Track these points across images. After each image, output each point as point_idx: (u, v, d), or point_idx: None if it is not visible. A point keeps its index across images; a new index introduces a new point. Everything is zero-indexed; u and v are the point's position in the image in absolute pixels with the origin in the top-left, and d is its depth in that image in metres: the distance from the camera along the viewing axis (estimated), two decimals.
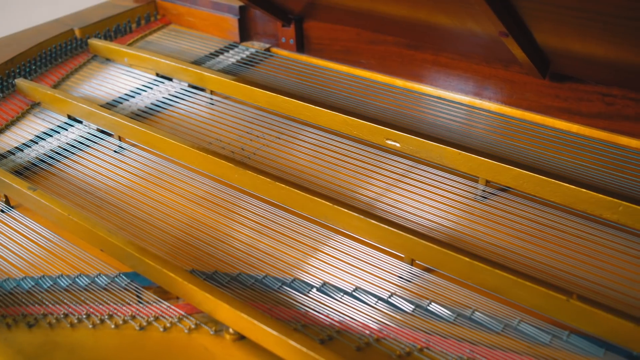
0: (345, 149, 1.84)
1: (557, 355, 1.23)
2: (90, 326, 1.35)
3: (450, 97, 2.05)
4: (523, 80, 1.92)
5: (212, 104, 2.13)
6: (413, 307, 1.34)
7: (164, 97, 2.17)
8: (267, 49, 2.41)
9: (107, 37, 2.56)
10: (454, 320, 1.31)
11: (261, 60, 2.34)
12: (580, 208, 1.50)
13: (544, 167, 1.64)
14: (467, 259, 1.32)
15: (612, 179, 1.61)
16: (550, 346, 1.25)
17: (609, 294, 1.35)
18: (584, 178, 1.62)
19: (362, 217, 1.45)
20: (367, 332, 1.29)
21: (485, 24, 1.65)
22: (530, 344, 1.25)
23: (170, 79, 2.26)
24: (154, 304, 1.40)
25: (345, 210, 1.48)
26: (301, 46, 2.37)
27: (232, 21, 2.45)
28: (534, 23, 1.57)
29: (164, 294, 1.42)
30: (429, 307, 1.34)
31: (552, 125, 1.88)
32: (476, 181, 1.65)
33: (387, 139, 1.74)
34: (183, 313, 1.38)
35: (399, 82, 2.13)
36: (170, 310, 1.38)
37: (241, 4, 2.41)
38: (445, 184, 1.69)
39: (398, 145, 1.72)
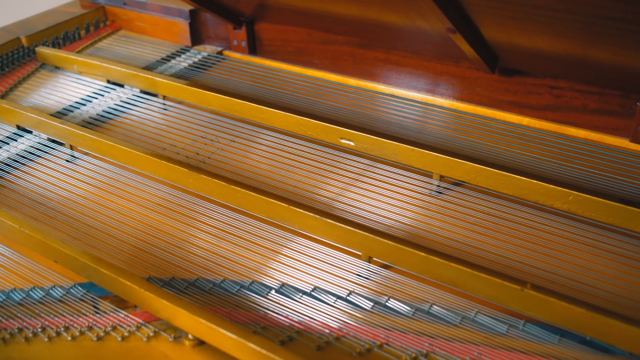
0: (302, 150, 1.85)
1: (514, 344, 1.25)
2: (46, 339, 1.32)
3: (403, 95, 2.07)
4: (473, 75, 1.94)
5: (165, 110, 2.11)
6: (372, 304, 1.35)
7: (115, 104, 2.14)
8: (220, 52, 2.40)
9: (55, 44, 2.52)
10: (413, 315, 1.32)
11: (213, 63, 2.33)
12: (532, 199, 1.53)
13: (497, 161, 1.67)
14: (423, 254, 1.34)
15: (562, 169, 1.65)
16: (507, 335, 1.27)
17: (562, 281, 1.38)
18: (535, 169, 1.65)
19: (318, 216, 1.46)
20: (327, 331, 1.29)
21: (433, 21, 1.67)
22: (488, 335, 1.27)
23: (121, 86, 2.23)
24: (112, 314, 1.38)
25: (301, 210, 1.48)
26: (253, 48, 2.36)
27: (183, 25, 2.44)
28: (480, 19, 1.60)
29: (121, 303, 1.40)
30: (387, 304, 1.35)
31: (504, 119, 1.91)
32: (430, 176, 1.67)
33: (342, 138, 1.75)
34: (141, 321, 1.36)
35: (352, 81, 2.14)
36: (128, 319, 1.37)
37: (192, 7, 2.40)
38: (401, 180, 1.71)
39: (352, 144, 1.73)
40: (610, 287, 1.36)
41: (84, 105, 2.15)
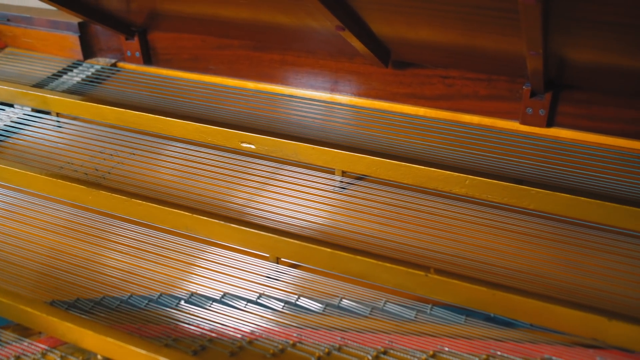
0: (208, 158, 1.83)
1: (423, 328, 1.28)
2: None
3: (303, 95, 2.08)
4: (368, 71, 1.98)
5: (60, 127, 2.04)
6: (282, 304, 1.35)
7: (5, 125, 2.05)
8: (114, 64, 2.35)
9: None
10: (323, 311, 1.33)
11: (108, 76, 2.27)
12: (432, 186, 1.58)
13: (397, 152, 1.70)
14: (329, 250, 1.35)
15: (459, 155, 1.71)
16: (416, 321, 1.30)
17: (465, 263, 1.42)
18: (434, 157, 1.70)
19: (222, 222, 1.45)
20: (240, 336, 1.29)
21: (322, 20, 1.69)
22: (398, 322, 1.30)
23: (11, 105, 2.14)
24: (14, 343, 1.33)
25: (205, 218, 1.47)
26: (148, 58, 2.32)
27: (73, 39, 2.36)
28: (367, 15, 1.63)
29: (25, 330, 1.35)
30: (298, 302, 1.36)
31: (401, 111, 1.95)
32: (333, 173, 1.69)
33: (242, 142, 1.74)
34: (46, 347, 1.31)
35: (250, 85, 2.14)
36: (32, 346, 1.32)
37: (80, 20, 2.33)
38: (306, 180, 1.72)
39: (253, 147, 1.73)
40: (509, 263, 1.42)
41: None
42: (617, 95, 1.71)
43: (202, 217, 1.47)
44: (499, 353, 1.23)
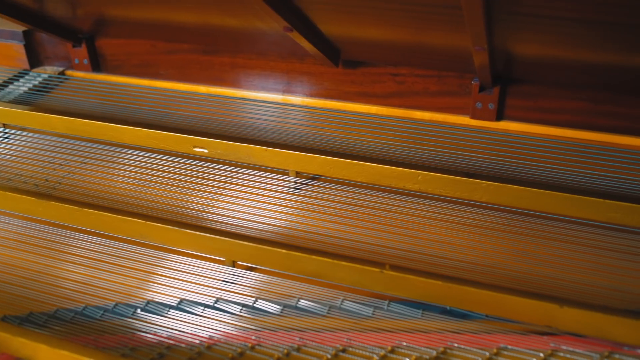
0: (163, 164, 1.81)
1: (381, 324, 1.29)
2: None
3: (255, 97, 2.08)
4: (319, 71, 1.99)
5: (7, 138, 1.99)
6: (240, 307, 1.35)
7: None
8: (62, 73, 2.30)
9: None
10: (281, 312, 1.33)
11: (56, 85, 2.23)
12: (385, 183, 1.59)
13: (351, 151, 1.71)
14: (284, 251, 1.35)
15: (411, 152, 1.72)
16: (373, 318, 1.31)
17: (420, 258, 1.44)
18: (387, 155, 1.71)
19: (176, 228, 1.44)
20: (198, 341, 1.28)
21: (269, 22, 1.69)
22: (355, 320, 1.31)
23: None
24: None
25: (159, 224, 1.45)
26: (97, 65, 2.28)
27: (18, 47, 2.31)
28: (315, 15, 1.64)
29: None
30: (255, 305, 1.35)
31: (353, 110, 1.96)
32: (287, 174, 1.69)
33: (195, 147, 1.73)
34: None
35: (202, 89, 2.13)
36: None
37: (25, 28, 2.28)
38: (262, 182, 1.72)
39: (206, 151, 1.72)
40: (464, 256, 1.44)
41: None
42: (562, 87, 1.74)
43: (155, 224, 1.46)
44: (456, 345, 1.25)
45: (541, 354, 1.23)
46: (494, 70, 1.71)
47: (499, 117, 1.83)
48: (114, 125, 1.81)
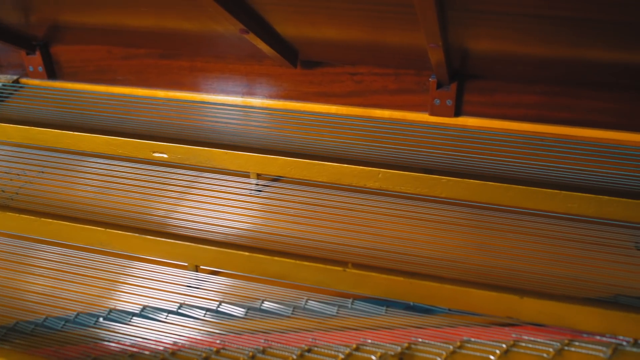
0: (124, 171, 1.79)
1: (345, 323, 1.30)
2: None
3: (215, 100, 2.07)
4: (278, 72, 1.99)
5: None
6: (204, 312, 1.34)
7: None
8: (16, 81, 2.26)
9: None
10: (246, 315, 1.33)
11: (10, 94, 2.19)
12: (346, 182, 1.60)
13: (312, 151, 1.71)
14: (246, 254, 1.35)
15: (372, 150, 1.73)
16: (338, 316, 1.32)
17: (382, 255, 1.45)
18: (348, 154, 1.72)
19: (137, 235, 1.42)
20: (162, 348, 1.27)
21: (225, 25, 1.69)
22: (320, 319, 1.31)
23: None
24: None
25: (119, 232, 1.44)
26: (52, 73, 2.25)
27: None
28: (270, 17, 1.64)
29: None
30: (219, 309, 1.35)
31: (313, 110, 1.97)
32: (248, 176, 1.69)
33: (154, 152, 1.72)
34: None
35: (160, 93, 2.11)
36: None
37: None
38: (222, 185, 1.71)
39: (166, 156, 1.71)
40: (426, 252, 1.45)
41: None
42: (517, 82, 1.77)
43: (115, 231, 1.44)
44: (420, 340, 1.26)
45: (503, 345, 1.25)
46: (451, 67, 1.73)
47: (457, 113, 1.85)
48: (71, 132, 1.78)
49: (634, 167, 1.57)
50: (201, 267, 1.44)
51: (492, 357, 1.23)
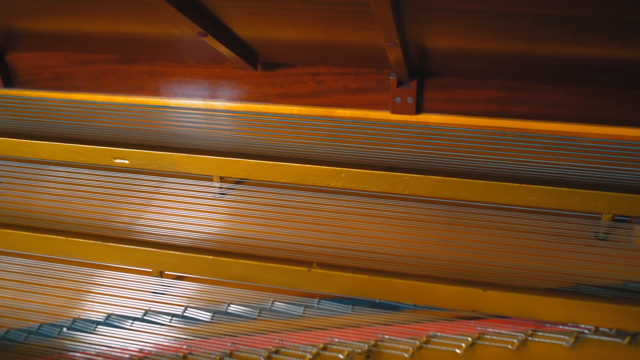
0: (87, 179, 1.77)
1: (312, 323, 1.30)
2: None
3: (177, 104, 2.05)
4: (239, 74, 1.98)
5: None
6: (170, 317, 1.33)
7: None
8: None
9: None
10: (212, 319, 1.32)
11: None
12: (310, 182, 1.60)
13: (275, 153, 1.71)
14: (210, 257, 1.35)
15: (335, 149, 1.74)
16: (304, 317, 1.32)
17: (347, 254, 1.45)
18: (312, 154, 1.72)
19: (99, 242, 1.41)
20: (127, 355, 1.25)
21: (183, 28, 1.67)
22: (287, 320, 1.31)
23: None
24: None
25: (80, 240, 1.42)
26: (8, 81, 2.20)
27: None
28: (229, 19, 1.63)
29: None
30: (185, 314, 1.34)
31: (275, 111, 1.96)
32: (211, 180, 1.68)
33: (115, 158, 1.70)
34: None
35: (120, 99, 2.08)
36: None
37: None
38: (186, 190, 1.70)
39: (127, 162, 1.69)
40: (390, 249, 1.46)
41: None
42: (476, 78, 1.79)
43: (77, 239, 1.43)
44: (387, 337, 1.27)
45: (469, 338, 1.26)
46: (410, 65, 1.74)
47: (418, 110, 1.86)
48: (30, 141, 1.76)
49: (592, 159, 1.61)
50: (166, 272, 1.43)
51: (458, 350, 1.24)
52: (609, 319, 1.26)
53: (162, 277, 1.43)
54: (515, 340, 1.25)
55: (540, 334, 1.27)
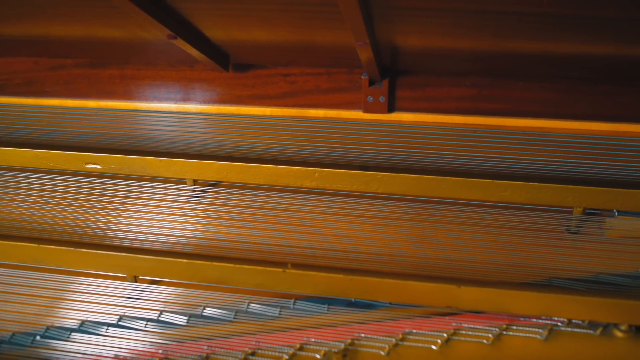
0: (60, 185, 1.75)
1: (288, 323, 1.30)
2: None
3: (149, 108, 2.03)
4: (210, 76, 1.97)
5: None
6: (145, 322, 1.32)
7: None
8: None
9: None
10: (187, 322, 1.32)
11: None
12: (283, 183, 1.60)
13: (248, 154, 1.71)
14: (185, 261, 1.34)
15: (308, 150, 1.74)
16: (280, 317, 1.32)
17: (321, 254, 1.45)
18: (285, 155, 1.72)
19: (72, 249, 1.40)
20: None
21: (152, 31, 1.66)
22: (263, 322, 1.31)
23: None
24: None
25: (52, 246, 1.41)
26: None
27: None
28: (198, 21, 1.62)
29: None
30: (160, 318, 1.33)
31: (248, 113, 1.96)
32: (184, 183, 1.67)
33: (87, 163, 1.69)
34: None
35: (91, 103, 2.06)
36: None
37: None
38: (160, 193, 1.69)
39: (99, 167, 1.68)
40: (365, 247, 1.46)
41: None
42: (447, 76, 1.80)
43: (49, 246, 1.41)
44: (363, 335, 1.27)
45: (444, 334, 1.27)
46: (382, 64, 1.75)
47: (391, 109, 1.86)
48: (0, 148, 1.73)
49: (563, 154, 1.62)
50: (140, 277, 1.42)
51: (434, 346, 1.25)
52: (582, 311, 1.28)
53: (136, 282, 1.42)
54: (490, 335, 1.27)
55: (514, 328, 1.28)
